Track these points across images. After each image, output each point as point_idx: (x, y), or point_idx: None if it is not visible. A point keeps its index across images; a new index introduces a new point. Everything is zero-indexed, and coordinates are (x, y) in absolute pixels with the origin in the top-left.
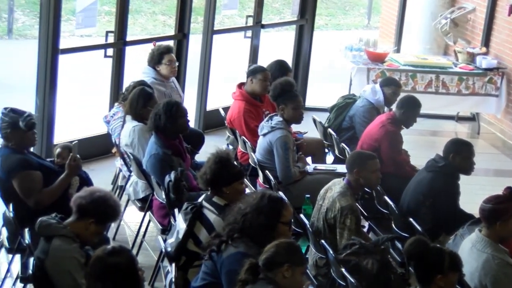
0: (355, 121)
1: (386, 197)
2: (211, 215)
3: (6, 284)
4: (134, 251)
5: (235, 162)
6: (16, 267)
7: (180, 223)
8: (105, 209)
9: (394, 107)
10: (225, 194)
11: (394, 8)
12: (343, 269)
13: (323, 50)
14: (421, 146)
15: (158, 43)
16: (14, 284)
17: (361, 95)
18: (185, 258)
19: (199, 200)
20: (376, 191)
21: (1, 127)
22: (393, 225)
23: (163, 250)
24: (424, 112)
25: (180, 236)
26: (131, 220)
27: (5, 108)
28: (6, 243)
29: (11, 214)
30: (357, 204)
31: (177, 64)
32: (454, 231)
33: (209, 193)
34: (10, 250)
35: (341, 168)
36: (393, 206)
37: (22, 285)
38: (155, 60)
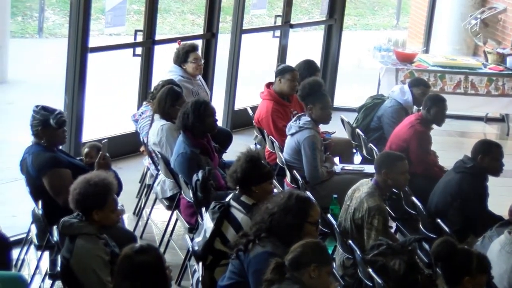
0: (383, 122)
1: (413, 198)
2: (238, 214)
3: (35, 280)
4: (161, 250)
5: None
6: (45, 264)
7: (207, 222)
8: (89, 199)
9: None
10: (254, 193)
11: (423, 8)
12: (370, 270)
13: (352, 50)
14: (449, 147)
15: (183, 42)
16: (43, 280)
17: (389, 96)
18: (212, 257)
19: (227, 199)
20: (404, 191)
21: (32, 124)
22: (420, 226)
23: (190, 249)
24: (453, 113)
25: (208, 235)
26: (159, 218)
27: (36, 106)
28: (35, 240)
29: (40, 212)
30: (384, 204)
31: (202, 62)
32: (482, 232)
33: (237, 192)
34: (39, 247)
35: (369, 168)
36: (420, 207)
37: (51, 281)
38: (181, 58)
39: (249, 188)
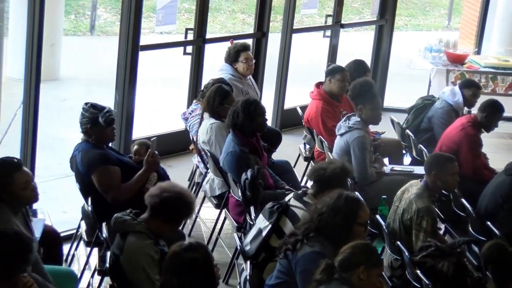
0: (433, 123)
1: (463, 200)
2: (299, 211)
3: (84, 276)
4: (210, 248)
5: None
6: (94, 260)
7: (260, 222)
8: (173, 210)
9: (474, 109)
10: (322, 195)
11: (476, 9)
12: (418, 271)
13: (402, 50)
14: (500, 149)
15: (235, 41)
16: (92, 276)
17: (440, 97)
18: (265, 255)
19: (286, 199)
20: (453, 193)
21: (81, 122)
22: (469, 228)
23: (239, 247)
24: (504, 115)
25: (264, 233)
26: (207, 217)
27: (86, 104)
28: (84, 236)
29: (90, 208)
30: (433, 206)
31: (253, 61)
32: None
33: (300, 191)
34: (88, 243)
35: (419, 169)
36: (470, 208)
37: (100, 277)
38: (232, 58)
39: (325, 190)
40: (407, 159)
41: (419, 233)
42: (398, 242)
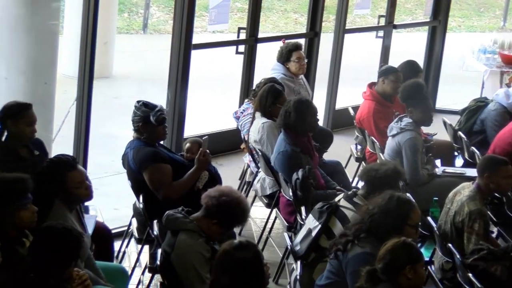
0: (486, 125)
1: None
2: (348, 212)
3: (135, 273)
4: (260, 247)
5: None
6: (145, 257)
7: (310, 222)
8: (228, 215)
9: None
10: (373, 197)
11: None
12: (470, 274)
13: (455, 52)
14: None
15: (287, 41)
16: (142, 273)
17: (493, 99)
18: (315, 255)
19: (336, 199)
20: (507, 196)
21: (133, 120)
22: None
23: (289, 247)
24: None
25: (313, 234)
26: (258, 216)
27: (138, 102)
28: (135, 233)
29: (141, 206)
30: (486, 208)
31: (306, 61)
32: None
33: (350, 192)
34: (139, 241)
35: (471, 172)
36: None
37: (150, 275)
38: (284, 57)
39: (376, 191)
40: (459, 161)
41: (471, 236)
42: (450, 245)
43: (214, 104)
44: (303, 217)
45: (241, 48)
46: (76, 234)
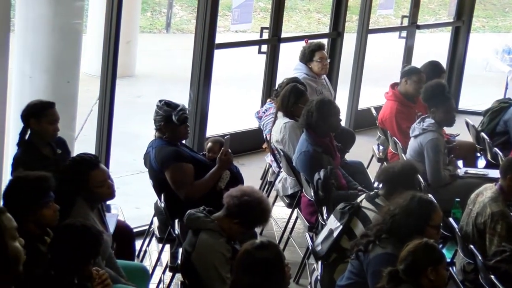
0: (509, 126)
1: None
2: (370, 213)
3: (156, 272)
4: (281, 247)
5: None
6: (166, 257)
7: (331, 222)
8: (250, 215)
9: None
10: (394, 197)
11: None
12: (492, 276)
13: (479, 52)
14: None
15: (310, 41)
16: (163, 272)
17: None
18: (336, 255)
19: (358, 200)
20: None
21: (155, 119)
22: None
23: (310, 247)
24: None
25: (335, 234)
26: (279, 216)
27: (160, 101)
28: (157, 232)
29: (163, 205)
30: (508, 210)
31: (328, 61)
32: None
33: (372, 193)
34: (160, 240)
35: (493, 173)
36: None
37: (171, 274)
38: (307, 57)
39: (394, 193)
40: (481, 162)
41: (493, 238)
42: (471, 246)
43: (236, 103)
44: (325, 217)
45: (264, 48)
46: (95, 231)
